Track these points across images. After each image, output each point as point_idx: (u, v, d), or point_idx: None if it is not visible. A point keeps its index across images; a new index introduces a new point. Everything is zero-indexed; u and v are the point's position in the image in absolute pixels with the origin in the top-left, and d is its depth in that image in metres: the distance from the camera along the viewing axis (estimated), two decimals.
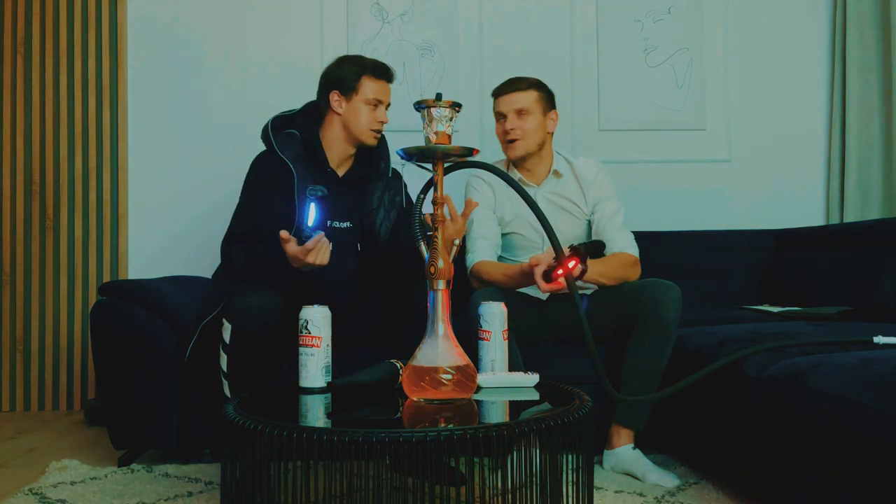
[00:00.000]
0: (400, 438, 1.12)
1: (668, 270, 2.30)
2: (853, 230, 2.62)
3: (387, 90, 2.12)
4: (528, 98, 2.20)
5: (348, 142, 2.11)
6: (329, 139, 2.11)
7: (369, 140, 2.10)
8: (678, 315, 1.95)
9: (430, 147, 1.38)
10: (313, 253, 1.78)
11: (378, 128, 2.10)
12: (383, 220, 2.13)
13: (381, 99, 2.09)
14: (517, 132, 2.19)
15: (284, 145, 2.07)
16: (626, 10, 3.16)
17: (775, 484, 1.55)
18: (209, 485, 1.95)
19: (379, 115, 2.09)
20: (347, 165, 2.15)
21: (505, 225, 2.27)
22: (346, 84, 2.07)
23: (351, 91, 2.07)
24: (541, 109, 2.22)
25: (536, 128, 2.21)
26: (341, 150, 2.12)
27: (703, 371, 1.69)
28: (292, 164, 2.03)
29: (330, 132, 2.11)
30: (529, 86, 2.22)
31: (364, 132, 2.09)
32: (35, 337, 3.03)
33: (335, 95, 2.09)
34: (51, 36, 3.05)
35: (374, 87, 2.07)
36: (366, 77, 2.07)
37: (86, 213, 3.05)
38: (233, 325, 1.83)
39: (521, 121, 2.19)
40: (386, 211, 2.15)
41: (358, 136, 2.09)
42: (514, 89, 2.21)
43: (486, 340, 1.64)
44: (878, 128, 3.04)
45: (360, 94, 2.07)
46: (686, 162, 3.17)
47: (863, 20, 3.06)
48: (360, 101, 2.07)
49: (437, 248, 1.40)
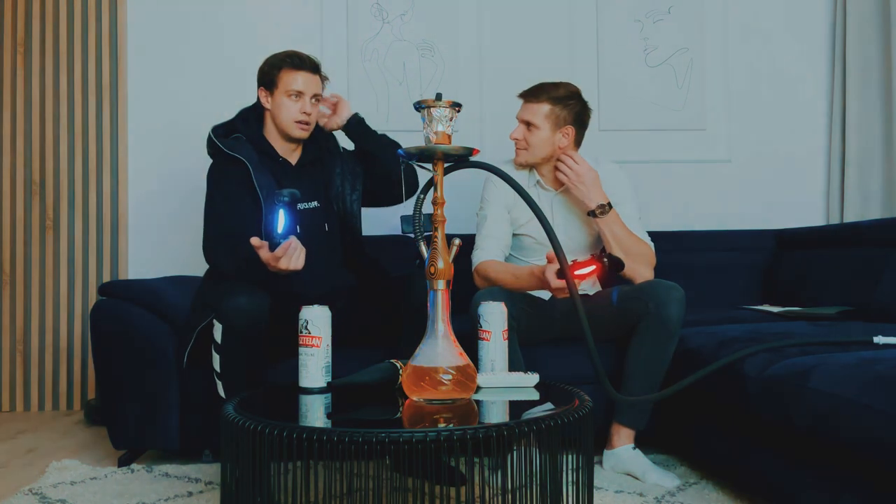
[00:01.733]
0: (400, 438, 1.12)
1: (669, 270, 2.30)
2: (853, 230, 2.62)
3: (309, 80, 2.11)
4: (538, 112, 2.15)
5: (281, 136, 2.15)
6: (270, 135, 2.16)
7: (296, 133, 2.12)
8: (682, 316, 1.94)
9: (430, 147, 1.38)
10: (285, 259, 1.79)
11: (302, 119, 2.10)
12: (351, 195, 2.18)
13: (302, 90, 2.09)
14: (521, 143, 2.18)
15: (234, 147, 2.10)
16: (626, 10, 3.16)
17: (775, 484, 1.55)
18: (209, 485, 1.95)
19: (303, 106, 2.10)
20: (297, 154, 2.19)
21: (518, 226, 2.24)
22: (269, 79, 2.12)
23: (272, 86, 2.11)
24: (551, 125, 2.15)
25: (542, 142, 2.16)
26: (282, 144, 2.16)
27: (703, 371, 1.69)
28: (247, 160, 2.05)
29: (268, 128, 2.16)
30: (548, 98, 2.14)
31: (289, 125, 2.11)
32: (35, 337, 3.03)
33: (262, 91, 2.14)
34: (51, 36, 3.05)
35: (291, 78, 2.09)
36: (284, 70, 2.10)
37: (86, 213, 3.05)
38: (223, 325, 1.83)
39: (528, 132, 2.16)
40: (351, 185, 2.19)
41: (284, 129, 2.12)
42: (531, 99, 2.16)
43: (486, 340, 1.64)
44: (878, 128, 3.04)
45: (280, 87, 2.10)
46: (686, 162, 3.17)
47: (863, 20, 3.06)
48: (282, 94, 2.10)
49: (437, 248, 1.40)
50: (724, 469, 1.84)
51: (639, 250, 2.12)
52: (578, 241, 2.24)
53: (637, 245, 2.13)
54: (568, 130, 2.17)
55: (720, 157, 3.18)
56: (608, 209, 2.10)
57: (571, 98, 2.16)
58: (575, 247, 2.22)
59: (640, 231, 2.18)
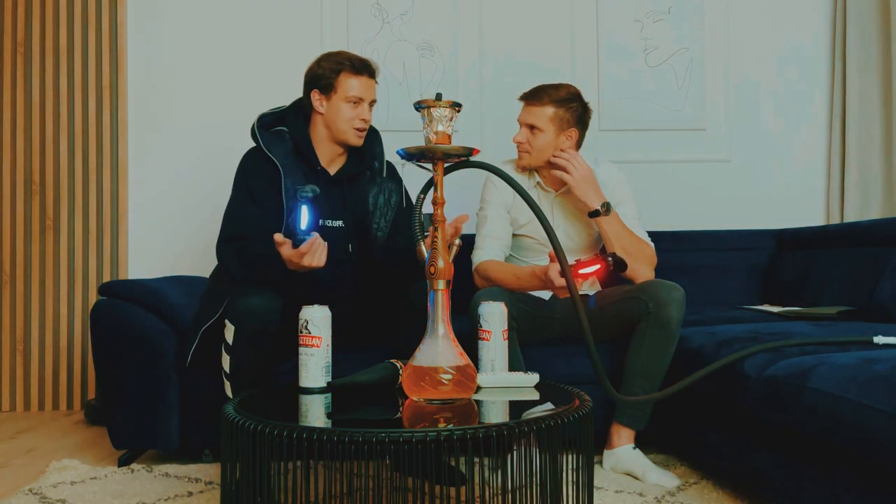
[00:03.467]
0: (400, 438, 1.12)
1: (668, 270, 2.30)
2: (853, 230, 2.62)
3: (368, 86, 2.05)
4: (542, 115, 2.13)
5: (333, 141, 2.07)
6: (316, 138, 2.08)
7: (353, 140, 2.05)
8: (682, 316, 1.94)
9: (430, 147, 1.38)
10: (308, 255, 1.76)
11: (361, 126, 2.05)
12: (379, 223, 2.10)
13: (362, 96, 2.03)
14: (525, 146, 2.16)
15: (273, 143, 2.04)
16: (626, 10, 3.16)
17: (775, 484, 1.55)
18: (209, 485, 1.95)
19: (361, 112, 2.04)
20: (339, 164, 2.12)
21: (518, 227, 2.24)
22: (325, 82, 2.03)
23: (330, 89, 2.03)
24: (555, 128, 2.14)
25: (546, 146, 2.15)
26: (329, 149, 2.09)
27: (703, 371, 1.69)
28: (280, 163, 2.00)
29: (316, 131, 2.08)
30: (551, 101, 2.12)
31: (346, 131, 2.04)
32: (35, 337, 3.03)
33: (316, 94, 2.05)
34: (51, 36, 3.05)
35: (353, 83, 2.02)
36: (344, 74, 2.02)
37: (86, 213, 3.05)
38: (235, 326, 1.83)
39: (531, 135, 2.15)
40: (382, 213, 2.11)
41: (340, 135, 2.05)
42: (533, 102, 2.14)
43: (486, 340, 1.64)
44: (878, 128, 3.04)
45: (340, 92, 2.02)
46: (686, 162, 3.17)
47: (863, 20, 3.06)
48: (340, 100, 2.02)
49: (437, 248, 1.40)
50: (724, 469, 1.84)
51: (639, 250, 2.12)
52: (578, 242, 2.24)
53: (638, 245, 2.13)
54: (571, 133, 2.16)
55: (720, 157, 3.18)
56: (609, 209, 2.10)
57: (573, 100, 2.15)
58: (575, 247, 2.22)
59: (640, 231, 2.18)
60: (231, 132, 3.00)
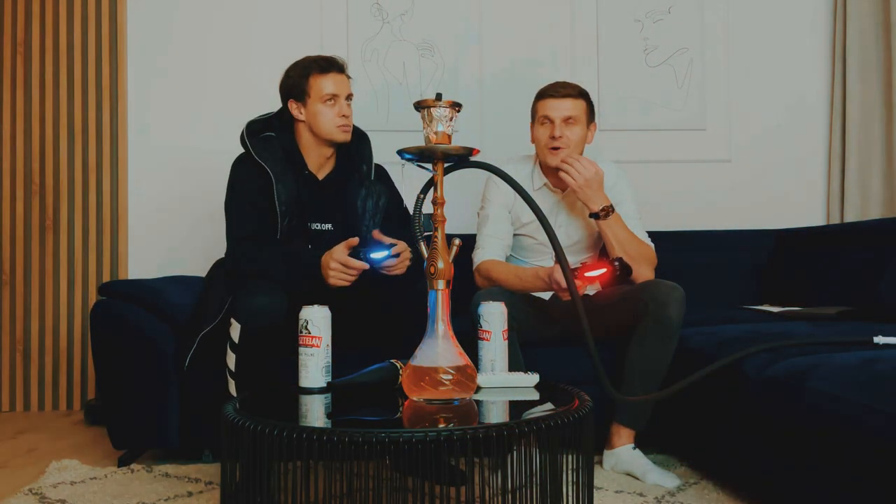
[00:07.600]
0: (400, 438, 1.12)
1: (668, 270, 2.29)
2: (853, 230, 2.62)
3: (339, 81, 2.07)
4: (578, 107, 2.14)
5: (321, 144, 2.10)
6: (304, 145, 2.11)
7: (339, 137, 2.07)
8: (682, 316, 1.94)
9: (430, 147, 1.38)
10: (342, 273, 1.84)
11: (342, 122, 2.06)
12: (368, 227, 2.11)
13: (336, 92, 2.05)
14: (564, 140, 2.13)
15: (262, 150, 2.06)
16: (626, 10, 3.16)
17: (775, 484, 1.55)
18: (209, 485, 1.95)
19: (339, 109, 2.06)
20: (328, 168, 2.14)
21: (520, 226, 2.24)
22: (298, 90, 2.06)
23: (304, 95, 2.06)
24: (586, 121, 2.17)
25: (580, 139, 2.16)
26: (318, 154, 2.11)
27: (703, 371, 1.69)
28: (271, 169, 2.02)
29: (302, 139, 2.11)
30: (580, 94, 2.16)
31: (330, 131, 2.06)
32: (35, 337, 3.03)
33: (293, 104, 2.08)
34: (51, 36, 3.05)
35: (323, 83, 2.04)
36: (313, 76, 2.04)
37: (86, 213, 3.05)
38: (241, 325, 1.83)
39: (568, 129, 2.14)
40: (371, 217, 2.13)
41: (326, 136, 2.07)
42: (566, 95, 2.14)
43: (486, 340, 1.64)
44: (878, 128, 3.04)
45: (313, 95, 2.05)
46: (686, 162, 3.17)
47: (863, 20, 3.06)
48: (316, 102, 2.05)
49: (437, 248, 1.40)
50: (724, 469, 1.84)
51: (640, 251, 2.12)
52: (579, 242, 2.24)
53: (638, 246, 2.13)
54: (593, 127, 2.21)
55: (720, 157, 3.18)
56: (611, 211, 2.10)
57: (589, 95, 2.20)
58: (575, 247, 2.22)
59: (640, 231, 2.19)
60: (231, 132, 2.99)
